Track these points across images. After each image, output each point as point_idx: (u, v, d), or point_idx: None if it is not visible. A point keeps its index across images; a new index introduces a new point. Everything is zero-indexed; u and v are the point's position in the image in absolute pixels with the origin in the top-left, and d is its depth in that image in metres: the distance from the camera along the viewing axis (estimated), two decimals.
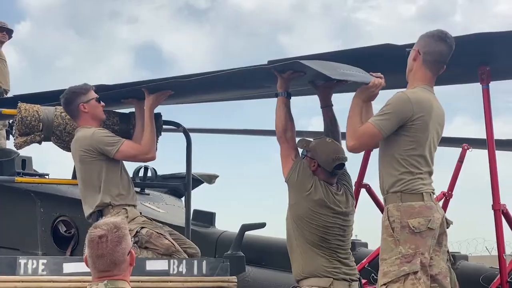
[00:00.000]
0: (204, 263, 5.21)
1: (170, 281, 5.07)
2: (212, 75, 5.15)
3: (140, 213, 5.39)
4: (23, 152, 7.47)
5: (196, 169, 8.31)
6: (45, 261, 4.92)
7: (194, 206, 8.18)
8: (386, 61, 4.82)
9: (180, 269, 5.13)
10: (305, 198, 4.57)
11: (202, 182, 8.45)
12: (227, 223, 8.14)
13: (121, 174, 5.31)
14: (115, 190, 5.23)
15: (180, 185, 6.26)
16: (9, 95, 8.41)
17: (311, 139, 4.83)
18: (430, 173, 4.24)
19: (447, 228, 4.28)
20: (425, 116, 4.16)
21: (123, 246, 3.00)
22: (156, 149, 5.84)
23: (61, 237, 7.04)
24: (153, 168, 7.85)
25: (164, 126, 6.06)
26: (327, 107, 4.92)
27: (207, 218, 7.81)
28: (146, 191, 8.23)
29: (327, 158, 4.64)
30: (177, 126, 6.15)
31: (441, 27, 4.35)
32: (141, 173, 7.84)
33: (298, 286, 4.62)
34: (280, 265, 6.82)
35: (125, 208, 5.21)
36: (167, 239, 5.24)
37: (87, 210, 5.25)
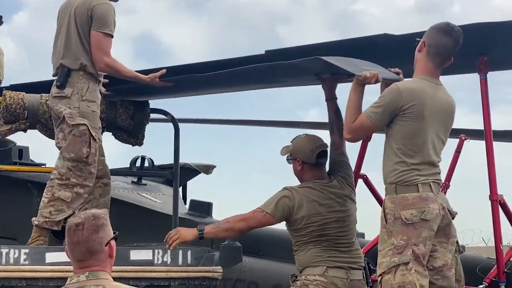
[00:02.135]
0: (189, 253, 5.18)
1: (154, 271, 5.04)
2: (235, 69, 5.09)
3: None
4: (20, 142, 7.47)
5: (193, 160, 8.35)
6: (27, 250, 4.90)
7: (191, 196, 8.25)
8: (383, 51, 4.81)
9: (165, 259, 5.11)
10: (299, 224, 4.60)
11: (199, 173, 8.46)
12: (224, 213, 8.16)
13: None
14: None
15: (168, 174, 6.24)
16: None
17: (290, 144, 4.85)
18: (431, 163, 4.20)
19: (453, 219, 4.27)
20: (417, 105, 4.14)
21: (100, 235, 2.97)
22: (144, 137, 5.95)
23: None
24: (150, 158, 7.86)
25: (153, 115, 6.07)
26: (331, 100, 4.91)
27: (204, 208, 7.83)
28: (143, 181, 8.23)
29: (305, 151, 4.67)
30: (165, 114, 6.13)
31: (438, 18, 4.35)
32: (138, 163, 7.85)
33: (298, 275, 4.64)
34: (276, 255, 6.84)
35: (88, 83, 5.20)
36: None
37: (62, 61, 5.23)
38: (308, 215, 4.56)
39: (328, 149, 4.76)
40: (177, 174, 5.99)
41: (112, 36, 5.25)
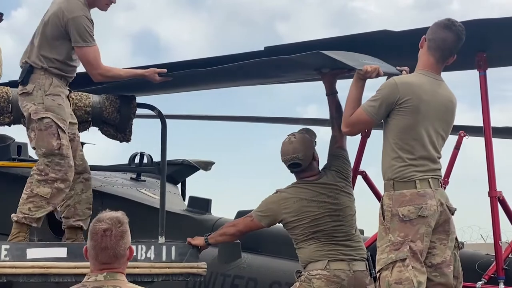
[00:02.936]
0: (173, 248, 5.14)
1: (137, 267, 5.00)
2: (235, 64, 5.10)
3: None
4: (19, 138, 7.46)
5: (192, 156, 8.35)
6: (8, 246, 4.86)
7: (190, 192, 8.25)
8: (383, 48, 4.81)
9: (148, 255, 5.07)
10: (291, 224, 4.75)
11: (198, 169, 8.46)
12: (223, 210, 8.16)
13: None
14: (65, 61, 5.15)
15: (155, 169, 6.16)
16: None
17: None
18: (430, 158, 4.20)
19: (452, 215, 4.27)
20: (413, 99, 4.15)
21: (125, 241, 3.15)
22: (131, 132, 5.88)
23: (57, 223, 7.02)
24: (149, 155, 7.85)
25: (142, 111, 6.03)
26: (332, 94, 4.95)
27: (203, 204, 7.82)
28: (142, 177, 8.23)
29: (282, 159, 4.83)
30: (152, 109, 6.09)
31: (438, 15, 4.35)
32: (137, 160, 7.84)
33: (302, 270, 4.68)
34: (275, 251, 6.82)
35: (51, 78, 5.09)
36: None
37: (28, 57, 5.14)
38: (297, 214, 4.67)
39: (301, 158, 4.78)
40: (164, 170, 5.93)
41: (94, 45, 5.11)
